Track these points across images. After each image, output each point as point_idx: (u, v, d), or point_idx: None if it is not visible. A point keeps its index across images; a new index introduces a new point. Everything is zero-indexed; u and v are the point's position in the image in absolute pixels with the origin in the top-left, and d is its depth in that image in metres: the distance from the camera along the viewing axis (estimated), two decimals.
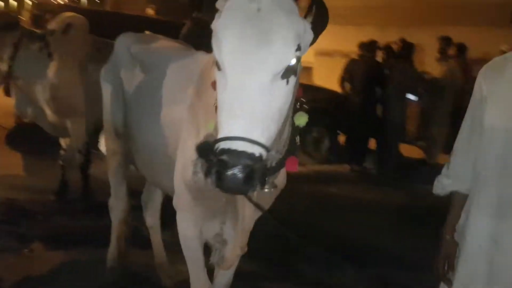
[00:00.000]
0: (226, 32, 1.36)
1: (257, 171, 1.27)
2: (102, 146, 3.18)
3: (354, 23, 10.72)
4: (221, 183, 1.26)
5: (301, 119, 1.67)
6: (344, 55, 9.33)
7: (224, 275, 2.26)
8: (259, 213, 1.92)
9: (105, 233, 3.50)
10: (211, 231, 2.00)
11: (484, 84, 1.73)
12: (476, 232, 1.71)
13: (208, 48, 1.56)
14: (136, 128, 2.39)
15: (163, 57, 2.43)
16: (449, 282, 1.79)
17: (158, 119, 2.18)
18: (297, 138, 1.71)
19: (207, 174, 1.31)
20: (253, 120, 1.30)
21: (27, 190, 4.44)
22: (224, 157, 1.25)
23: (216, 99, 1.44)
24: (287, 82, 1.38)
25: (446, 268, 1.79)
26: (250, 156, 1.26)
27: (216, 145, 1.29)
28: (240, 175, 1.24)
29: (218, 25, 1.39)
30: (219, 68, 1.39)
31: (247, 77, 1.32)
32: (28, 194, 4.36)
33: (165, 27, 6.23)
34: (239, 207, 1.83)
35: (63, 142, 4.42)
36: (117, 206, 3.05)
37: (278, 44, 1.33)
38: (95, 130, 4.41)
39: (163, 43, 2.67)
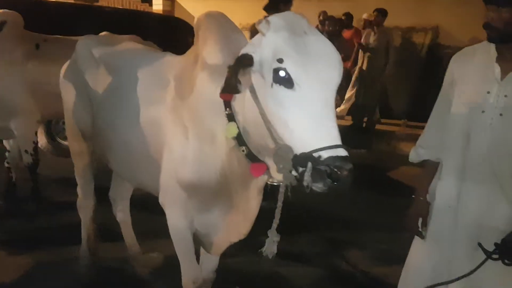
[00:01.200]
0: (301, 56, 1.50)
1: None
2: None
3: None
4: (338, 185, 1.42)
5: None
6: None
7: (212, 260, 2.45)
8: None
9: (63, 232, 3.64)
10: (202, 221, 2.16)
11: (455, 68, 2.06)
12: (445, 194, 2.05)
13: None
14: (109, 129, 2.45)
15: (131, 59, 2.50)
16: (422, 237, 2.13)
17: (134, 120, 2.27)
18: None
19: (318, 179, 1.44)
20: (337, 127, 1.49)
21: None
22: (338, 163, 1.42)
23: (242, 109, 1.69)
24: None
25: (420, 225, 2.12)
26: (350, 159, 1.46)
27: (317, 154, 1.44)
28: (350, 176, 1.43)
29: (285, 46, 1.52)
30: (280, 83, 1.51)
31: (328, 92, 1.51)
32: None
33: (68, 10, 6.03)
34: (240, 199, 2.02)
35: (7, 143, 4.27)
36: (86, 205, 3.12)
37: (339, 60, 1.56)
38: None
39: (126, 45, 2.72)
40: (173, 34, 6.46)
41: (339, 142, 1.47)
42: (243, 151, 1.82)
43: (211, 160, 1.96)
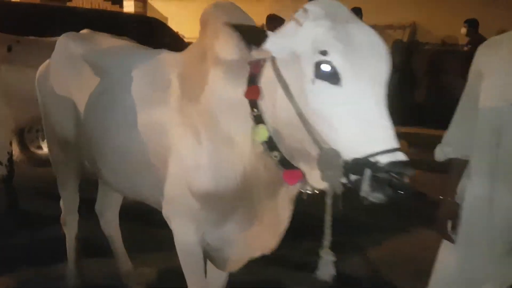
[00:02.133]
0: (348, 47, 1.32)
1: None
2: None
3: None
4: (400, 194, 1.26)
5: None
6: None
7: (221, 276, 2.23)
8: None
9: (46, 249, 3.36)
10: (215, 235, 1.94)
11: (481, 61, 1.89)
12: (476, 194, 1.89)
13: None
14: (101, 136, 2.20)
15: (121, 58, 2.25)
16: (453, 241, 1.96)
17: (130, 125, 2.03)
18: None
19: (378, 189, 1.26)
20: (393, 127, 1.31)
21: None
22: (400, 169, 1.25)
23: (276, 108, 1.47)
24: None
25: (449, 227, 1.96)
26: (410, 164, 1.28)
27: (374, 159, 1.26)
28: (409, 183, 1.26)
29: (329, 36, 1.34)
30: (321, 79, 1.33)
31: (379, 87, 1.33)
32: None
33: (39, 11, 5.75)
34: (265, 209, 1.80)
35: None
36: (70, 220, 2.86)
37: (388, 51, 1.37)
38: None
39: (113, 42, 2.46)
40: (150, 34, 6.21)
41: (397, 144, 1.29)
42: (275, 156, 1.60)
43: (230, 166, 1.75)
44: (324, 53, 1.32)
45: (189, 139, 1.81)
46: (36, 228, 3.76)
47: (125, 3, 11.90)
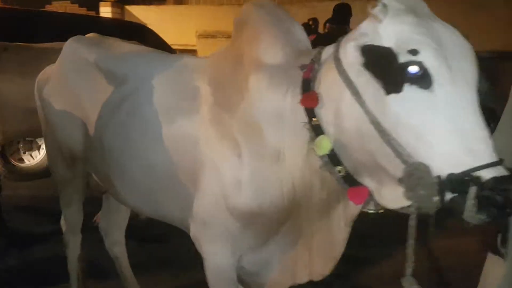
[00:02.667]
0: (439, 46, 1.18)
1: None
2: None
3: (233, 3, 10.69)
4: (504, 215, 1.13)
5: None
6: (227, 36, 9.28)
7: None
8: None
9: (39, 270, 3.15)
10: (252, 257, 1.76)
11: None
12: None
13: None
14: (119, 150, 1.99)
15: (139, 64, 2.06)
16: (503, 255, 1.83)
17: (155, 137, 1.84)
18: None
19: (484, 209, 1.10)
20: (491, 139, 1.17)
21: None
22: (506, 186, 1.09)
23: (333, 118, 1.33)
24: None
25: (499, 241, 1.83)
26: None
27: (476, 174, 1.10)
28: None
29: (417, 34, 1.19)
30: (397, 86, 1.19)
31: (473, 92, 1.19)
32: None
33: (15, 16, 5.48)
34: (315, 229, 1.63)
35: None
36: (74, 241, 2.64)
37: (474, 54, 1.24)
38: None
39: (126, 47, 2.26)
40: (139, 42, 5.99)
41: (497, 158, 1.14)
42: (339, 172, 1.42)
43: (276, 183, 1.57)
44: (414, 52, 1.17)
45: (227, 153, 1.63)
46: (27, 248, 3.50)
47: (101, 9, 11.59)
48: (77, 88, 2.19)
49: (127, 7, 11.90)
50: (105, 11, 11.51)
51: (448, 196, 1.14)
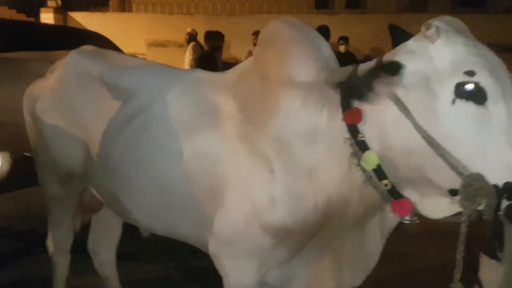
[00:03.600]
0: (492, 66, 1.29)
1: None
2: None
3: (184, 12, 10.60)
4: None
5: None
6: (179, 45, 9.18)
7: None
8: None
9: None
10: (278, 272, 1.76)
11: None
12: None
13: None
14: (127, 167, 1.92)
15: (148, 79, 1.99)
16: (499, 259, 1.94)
17: (171, 154, 1.80)
18: None
19: None
20: None
21: None
22: None
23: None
24: None
25: (496, 246, 1.94)
26: None
27: None
28: None
29: (472, 56, 1.29)
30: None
31: None
32: None
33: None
34: (345, 242, 1.67)
35: None
36: (63, 263, 2.50)
37: None
38: None
39: (132, 61, 2.18)
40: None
41: None
42: (385, 185, 1.47)
43: (311, 198, 1.58)
44: (471, 73, 1.27)
45: (258, 169, 1.63)
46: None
47: (42, 15, 11.06)
48: (78, 104, 2.09)
49: (70, 13, 11.45)
50: (47, 17, 11.00)
51: (504, 204, 1.25)
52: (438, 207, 1.41)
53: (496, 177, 1.25)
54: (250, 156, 1.65)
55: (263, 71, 1.71)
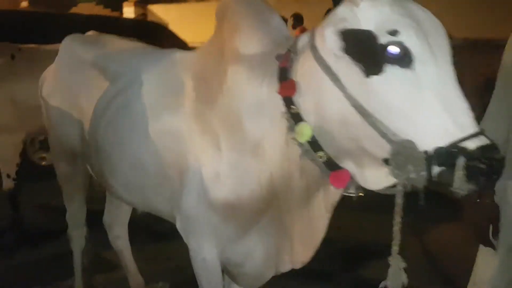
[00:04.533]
0: (419, 25, 1.21)
1: None
2: None
3: None
4: (494, 180, 1.15)
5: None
6: None
7: None
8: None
9: (50, 266, 3.24)
10: (236, 249, 1.77)
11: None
12: None
13: None
14: (111, 145, 2.05)
15: (132, 60, 2.09)
16: (494, 247, 1.80)
17: (143, 133, 1.88)
18: None
19: (473, 178, 1.13)
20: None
21: None
22: (492, 154, 1.12)
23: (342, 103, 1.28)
24: None
25: (491, 233, 1.80)
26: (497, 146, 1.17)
27: (462, 145, 1.13)
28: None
29: (397, 14, 1.21)
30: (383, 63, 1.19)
31: (452, 67, 1.22)
32: None
33: (40, 19, 5.62)
34: (295, 218, 1.64)
35: None
36: (77, 235, 2.71)
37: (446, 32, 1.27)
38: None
39: (122, 44, 2.30)
40: (154, 40, 6.07)
41: (478, 128, 1.17)
42: (320, 157, 1.43)
43: (255, 174, 1.58)
44: (394, 33, 1.19)
45: (208, 147, 1.66)
46: (38, 245, 3.61)
47: (125, 9, 11.78)
48: (73, 86, 2.26)
49: (150, 6, 12.06)
50: (129, 11, 11.70)
51: (436, 170, 1.16)
52: (377, 178, 1.34)
53: (427, 143, 1.17)
54: (202, 135, 1.68)
55: (218, 48, 1.72)
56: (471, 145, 1.13)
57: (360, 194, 1.49)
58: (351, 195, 1.52)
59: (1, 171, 3.66)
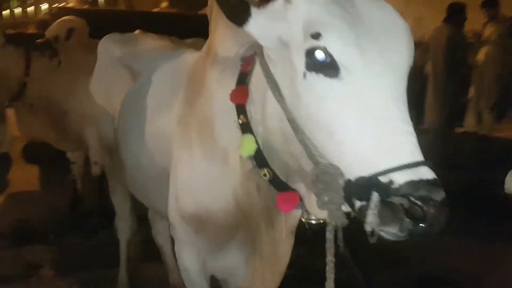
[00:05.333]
0: (350, 25, 0.99)
1: None
2: None
3: None
4: (426, 228, 0.90)
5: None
6: None
7: None
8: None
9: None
10: (217, 264, 1.68)
11: None
12: None
13: None
14: (122, 143, 2.11)
15: (150, 60, 2.11)
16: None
17: (142, 133, 1.88)
18: None
19: (391, 220, 0.91)
20: (415, 135, 0.97)
21: (41, 207, 4.25)
22: (423, 192, 0.89)
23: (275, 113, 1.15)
24: None
25: None
26: (440, 184, 0.93)
27: (387, 178, 0.91)
28: (446, 210, 0.91)
29: (324, 13, 1.02)
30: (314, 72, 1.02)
31: (396, 80, 1.00)
32: (42, 211, 4.16)
33: (180, 21, 5.84)
34: (264, 240, 1.50)
35: (71, 155, 4.17)
36: (123, 226, 2.84)
37: (409, 30, 1.04)
38: None
39: (152, 43, 2.34)
40: None
41: (420, 157, 0.93)
42: (264, 175, 1.29)
43: (222, 186, 1.46)
44: (316, 36, 1.00)
45: (184, 152, 1.58)
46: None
47: None
48: (107, 83, 2.37)
49: None
50: None
51: (358, 204, 0.96)
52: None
53: (352, 171, 0.97)
54: (181, 139, 1.62)
55: (205, 48, 1.65)
56: (400, 178, 0.90)
57: (321, 221, 1.29)
58: (311, 221, 1.33)
59: (91, 159, 3.96)
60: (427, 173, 0.92)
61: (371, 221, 0.91)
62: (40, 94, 3.59)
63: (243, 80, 1.33)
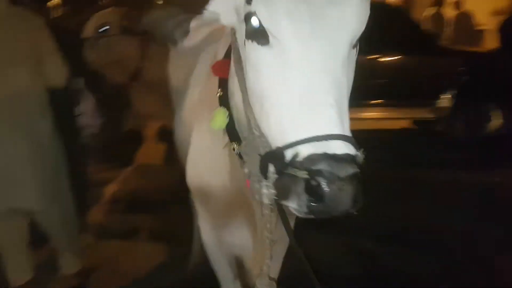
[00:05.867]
0: None
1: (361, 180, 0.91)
2: None
3: None
4: (324, 205, 0.86)
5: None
6: None
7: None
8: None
9: None
10: (229, 239, 1.73)
11: None
12: None
13: None
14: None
15: (195, 49, 2.18)
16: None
17: (178, 117, 2.06)
18: None
19: (286, 194, 0.90)
20: (341, 108, 0.94)
21: (159, 180, 4.55)
22: (325, 166, 0.86)
23: (232, 85, 1.22)
24: (356, 52, 1.04)
25: None
26: (354, 159, 0.90)
27: (294, 150, 0.91)
28: (350, 188, 0.87)
29: None
30: (263, 39, 0.99)
31: (328, 47, 0.95)
32: (159, 183, 4.46)
33: None
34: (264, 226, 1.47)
35: None
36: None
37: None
38: None
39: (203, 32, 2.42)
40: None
41: (336, 130, 0.89)
42: (233, 149, 1.31)
43: (220, 161, 1.51)
44: (249, 1, 0.99)
45: (197, 126, 1.67)
46: None
47: None
48: (174, 73, 2.53)
49: None
50: None
51: (272, 176, 0.95)
52: None
53: (274, 143, 0.97)
54: (198, 114, 1.70)
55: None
56: (304, 151, 0.87)
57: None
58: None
59: None
60: (336, 147, 0.87)
61: (264, 193, 0.91)
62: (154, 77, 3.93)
63: (228, 53, 1.35)
